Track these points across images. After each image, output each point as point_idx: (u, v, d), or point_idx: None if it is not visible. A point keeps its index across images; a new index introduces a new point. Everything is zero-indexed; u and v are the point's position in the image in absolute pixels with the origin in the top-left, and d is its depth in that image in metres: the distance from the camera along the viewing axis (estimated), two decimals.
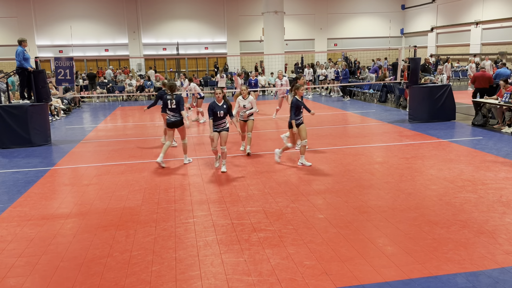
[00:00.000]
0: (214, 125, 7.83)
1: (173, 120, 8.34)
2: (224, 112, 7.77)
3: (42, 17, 28.50)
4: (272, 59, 23.53)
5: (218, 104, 7.77)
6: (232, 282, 4.05)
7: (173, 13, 30.10)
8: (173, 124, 8.38)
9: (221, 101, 7.79)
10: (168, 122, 8.40)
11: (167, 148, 8.36)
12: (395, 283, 3.96)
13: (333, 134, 11.29)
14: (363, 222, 5.39)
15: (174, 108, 8.27)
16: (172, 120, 8.35)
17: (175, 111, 8.29)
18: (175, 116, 8.31)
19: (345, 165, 8.10)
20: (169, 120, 8.37)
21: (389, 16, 32.89)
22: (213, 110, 7.75)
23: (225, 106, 7.77)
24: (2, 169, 8.54)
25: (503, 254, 4.45)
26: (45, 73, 11.19)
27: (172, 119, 8.34)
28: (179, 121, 8.36)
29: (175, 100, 8.25)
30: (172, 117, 8.34)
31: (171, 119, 8.35)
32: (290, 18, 29.85)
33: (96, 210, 6.09)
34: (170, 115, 8.35)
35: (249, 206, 6.07)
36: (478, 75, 12.88)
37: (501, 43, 25.03)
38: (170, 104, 8.27)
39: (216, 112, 7.75)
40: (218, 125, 7.85)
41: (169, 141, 8.47)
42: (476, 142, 9.76)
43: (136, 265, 4.44)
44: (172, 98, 8.25)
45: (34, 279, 4.22)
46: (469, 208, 5.74)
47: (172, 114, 8.32)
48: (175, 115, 8.31)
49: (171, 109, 8.30)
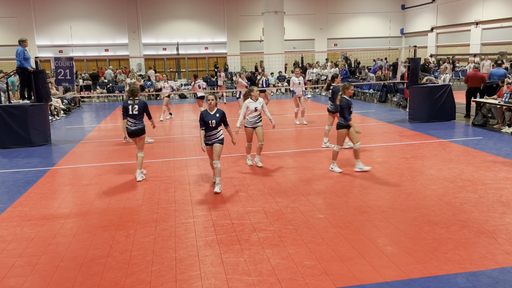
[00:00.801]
0: (206, 137, 6.82)
1: (133, 128, 7.36)
2: (216, 122, 6.74)
3: (42, 17, 28.51)
4: (272, 59, 23.55)
5: (210, 113, 6.75)
6: (232, 282, 4.05)
7: (173, 13, 30.11)
8: (133, 133, 7.40)
9: (214, 109, 6.77)
10: (128, 131, 7.39)
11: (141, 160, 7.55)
12: (395, 283, 3.96)
13: (333, 134, 11.25)
14: (363, 222, 5.39)
15: (136, 115, 7.36)
16: (132, 128, 7.36)
17: (137, 118, 7.37)
18: (136, 124, 7.35)
19: (345, 165, 8.10)
20: (129, 129, 7.37)
21: (389, 16, 32.91)
22: (204, 119, 6.72)
23: (218, 115, 6.74)
24: (2, 169, 8.54)
25: (503, 254, 4.45)
26: (45, 73, 11.19)
27: (133, 127, 7.36)
28: (140, 130, 7.40)
29: (138, 106, 7.37)
30: (132, 125, 7.36)
31: (131, 128, 7.36)
32: (290, 18, 29.86)
33: (96, 210, 6.09)
34: (131, 122, 7.36)
35: (249, 206, 6.07)
36: (470, 74, 13.00)
37: (501, 43, 25.03)
38: (132, 110, 7.35)
39: (208, 121, 6.72)
40: (210, 136, 6.80)
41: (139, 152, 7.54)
42: (476, 142, 9.76)
43: (136, 265, 4.44)
44: (134, 104, 7.36)
45: (34, 279, 4.22)
46: (469, 208, 5.74)
47: (133, 122, 7.35)
48: (137, 123, 7.36)
49: (133, 116, 7.36)
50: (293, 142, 10.39)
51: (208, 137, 6.80)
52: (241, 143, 10.47)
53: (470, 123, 12.06)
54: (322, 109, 16.06)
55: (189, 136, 11.57)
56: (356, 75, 23.78)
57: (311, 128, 12.26)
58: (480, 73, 13.07)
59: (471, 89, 12.80)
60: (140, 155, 7.53)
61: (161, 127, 13.21)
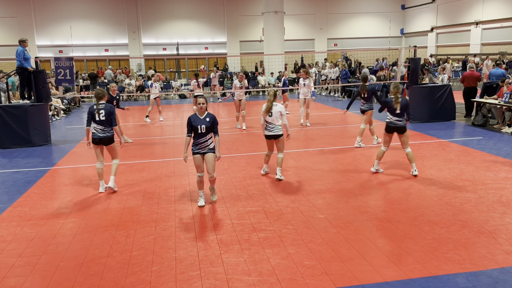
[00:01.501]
0: (194, 145, 5.96)
1: (101, 136, 6.65)
2: (206, 127, 5.85)
3: (42, 17, 28.50)
4: (272, 59, 23.54)
5: (199, 117, 5.89)
6: (232, 282, 4.05)
7: (173, 13, 30.10)
8: (100, 141, 6.68)
9: (204, 113, 5.92)
10: (94, 137, 6.66)
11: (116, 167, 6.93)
12: (395, 283, 3.96)
13: (333, 134, 11.29)
14: (363, 222, 5.39)
15: (103, 121, 6.64)
16: (99, 135, 6.65)
17: (104, 125, 6.66)
18: (104, 131, 6.66)
19: (345, 165, 8.10)
20: (95, 135, 6.65)
21: (389, 16, 32.89)
22: (192, 124, 5.87)
23: (208, 119, 5.88)
24: (2, 169, 8.54)
25: (503, 254, 4.45)
26: (45, 73, 11.20)
27: (101, 134, 6.65)
28: (109, 138, 6.70)
29: (105, 111, 6.65)
30: (100, 132, 6.65)
31: (98, 134, 6.64)
32: (290, 18, 29.84)
33: (96, 210, 6.09)
34: (97, 129, 6.66)
35: (249, 206, 6.07)
36: (466, 74, 13.19)
37: (501, 43, 25.03)
38: (98, 116, 6.65)
39: (196, 127, 5.85)
40: (200, 144, 5.93)
41: (98, 161, 6.83)
42: (476, 142, 9.76)
43: (136, 265, 4.44)
44: (100, 108, 6.66)
45: (34, 279, 4.22)
46: (469, 208, 5.74)
47: (100, 128, 6.65)
48: (105, 130, 6.66)
49: (99, 122, 6.65)
50: (293, 142, 10.38)
51: (197, 146, 5.93)
52: (240, 144, 10.48)
53: (470, 123, 12.06)
54: (323, 109, 16.05)
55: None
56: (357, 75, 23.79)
57: (312, 128, 12.25)
58: (476, 73, 13.23)
59: (468, 89, 13.00)
60: (115, 161, 6.90)
61: (161, 127, 13.21)
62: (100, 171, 6.84)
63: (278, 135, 7.07)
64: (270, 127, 7.07)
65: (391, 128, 7.24)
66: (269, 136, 7.14)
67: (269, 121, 7.05)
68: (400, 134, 7.23)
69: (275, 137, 7.10)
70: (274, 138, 7.12)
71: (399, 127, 7.18)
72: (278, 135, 7.07)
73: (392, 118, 7.19)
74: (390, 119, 7.22)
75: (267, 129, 7.10)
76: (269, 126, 7.08)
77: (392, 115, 7.19)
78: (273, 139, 7.16)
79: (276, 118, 7.01)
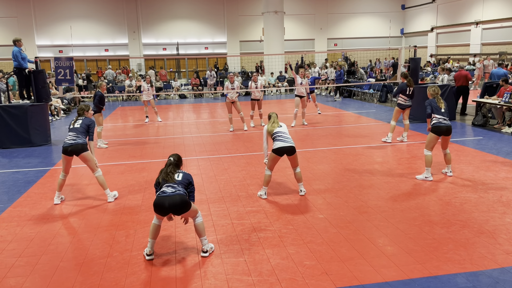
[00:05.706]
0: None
1: (71, 143, 6.09)
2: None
3: (42, 17, 28.50)
4: (272, 59, 23.55)
5: None
6: (232, 282, 4.05)
7: (173, 13, 30.11)
8: (71, 151, 6.10)
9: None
10: (64, 147, 6.10)
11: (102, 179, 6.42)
12: (395, 283, 3.96)
13: (333, 134, 11.28)
14: (363, 222, 5.39)
15: (77, 128, 6.20)
16: (69, 143, 6.09)
17: (77, 132, 6.17)
18: (75, 137, 6.13)
19: (345, 165, 8.10)
20: (65, 144, 6.10)
21: (389, 16, 32.91)
22: None
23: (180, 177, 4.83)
24: (2, 169, 8.54)
25: (503, 254, 4.44)
26: (45, 73, 11.19)
27: (70, 141, 6.10)
28: (81, 145, 6.10)
29: (83, 121, 6.29)
30: (69, 139, 6.13)
31: (68, 142, 6.10)
32: (290, 18, 29.86)
33: (96, 210, 6.09)
34: (69, 136, 6.16)
35: (249, 206, 6.07)
36: (456, 74, 13.51)
37: (501, 43, 25.03)
38: (73, 124, 6.28)
39: None
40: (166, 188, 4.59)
41: (63, 172, 6.29)
42: (476, 142, 9.76)
43: (136, 265, 4.44)
44: (80, 119, 6.34)
45: (34, 279, 4.22)
46: (469, 208, 5.74)
47: (72, 135, 6.15)
48: (76, 137, 6.13)
49: (73, 129, 6.21)
50: None
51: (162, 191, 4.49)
52: (240, 144, 10.47)
53: (470, 123, 12.06)
54: (322, 109, 16.05)
55: (189, 136, 11.57)
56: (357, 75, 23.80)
57: (312, 128, 12.25)
58: (465, 72, 13.46)
59: (458, 88, 13.35)
60: (97, 174, 6.34)
61: (161, 127, 13.20)
62: (61, 182, 6.31)
63: (294, 148, 6.11)
64: (284, 136, 6.10)
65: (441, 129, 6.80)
66: (284, 148, 6.02)
67: (281, 131, 6.18)
68: (448, 135, 6.88)
69: (291, 149, 6.04)
70: (290, 152, 6.05)
71: (449, 127, 6.82)
72: (294, 147, 6.11)
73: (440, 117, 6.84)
74: (438, 119, 6.85)
75: (281, 140, 6.05)
76: (281, 136, 6.11)
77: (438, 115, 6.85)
78: (287, 154, 6.09)
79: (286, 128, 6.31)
